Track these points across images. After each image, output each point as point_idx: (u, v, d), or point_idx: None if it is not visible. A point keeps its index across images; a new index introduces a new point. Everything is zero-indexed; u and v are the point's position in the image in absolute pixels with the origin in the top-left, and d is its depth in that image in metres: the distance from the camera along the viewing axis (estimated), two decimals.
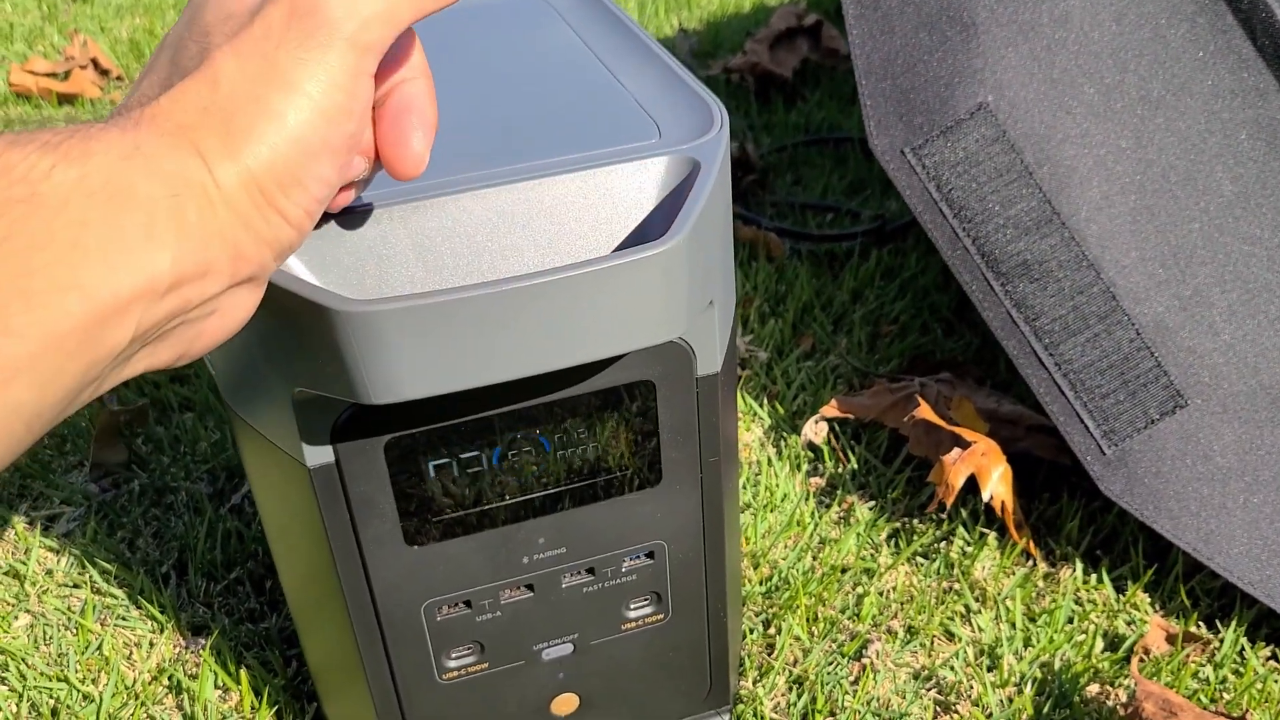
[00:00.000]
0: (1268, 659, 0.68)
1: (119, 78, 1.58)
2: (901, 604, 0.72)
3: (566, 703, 0.57)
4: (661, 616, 0.56)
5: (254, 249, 0.33)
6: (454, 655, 0.53)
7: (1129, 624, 0.70)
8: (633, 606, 0.55)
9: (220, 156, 0.32)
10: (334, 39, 0.33)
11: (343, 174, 0.35)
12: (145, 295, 0.30)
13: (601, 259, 0.39)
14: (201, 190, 0.31)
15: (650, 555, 0.53)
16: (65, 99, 1.51)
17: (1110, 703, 0.65)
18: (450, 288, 0.38)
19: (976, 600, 0.72)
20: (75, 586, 0.74)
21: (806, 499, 0.80)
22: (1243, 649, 0.68)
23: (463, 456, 0.47)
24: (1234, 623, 0.69)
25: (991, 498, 0.73)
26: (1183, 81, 0.70)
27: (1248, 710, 0.63)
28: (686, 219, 0.41)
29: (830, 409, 0.84)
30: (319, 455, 0.45)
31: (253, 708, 0.65)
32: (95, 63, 1.58)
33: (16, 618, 0.72)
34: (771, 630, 0.70)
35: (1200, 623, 0.70)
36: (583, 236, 0.44)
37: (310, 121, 0.33)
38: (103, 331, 0.29)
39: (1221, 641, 0.68)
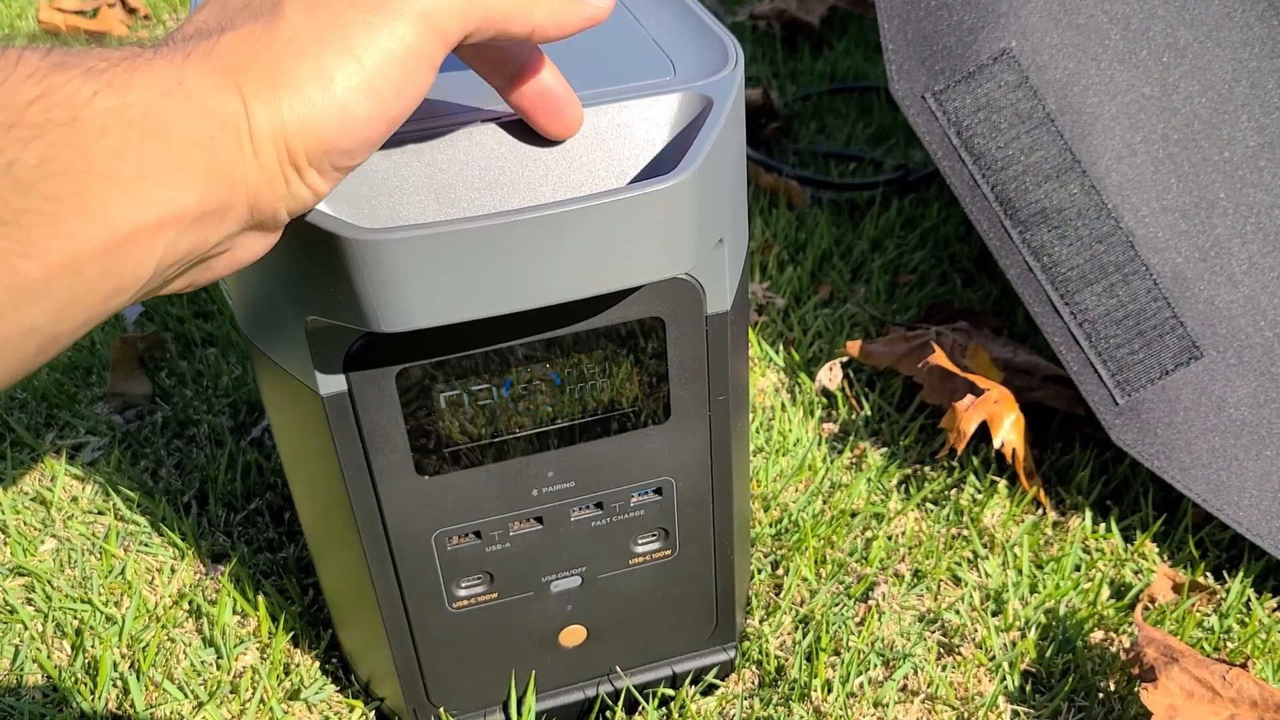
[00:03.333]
0: (1274, 610, 0.68)
1: (146, 16, 1.58)
2: (909, 548, 0.72)
3: (574, 634, 0.58)
4: (669, 552, 0.56)
5: (270, 202, 0.33)
6: (464, 585, 0.54)
7: (1136, 573, 0.71)
8: (640, 542, 0.56)
9: (261, 100, 0.32)
10: (405, 9, 0.33)
11: (371, 153, 0.35)
12: (168, 229, 0.30)
13: (611, 191, 0.40)
14: (235, 134, 0.31)
15: (658, 491, 0.54)
16: (93, 36, 1.52)
17: (1113, 649, 0.65)
18: (461, 218, 0.39)
19: (984, 546, 0.73)
20: (99, 513, 0.76)
21: (819, 444, 0.80)
22: (1249, 600, 0.68)
23: (473, 388, 0.47)
24: (1241, 574, 0.69)
25: (1003, 445, 0.73)
26: (1210, 29, 0.69)
27: (1249, 657, 0.63)
28: (697, 154, 0.41)
29: (852, 346, 0.84)
30: (332, 384, 0.46)
31: (269, 633, 0.66)
32: (123, 1, 1.58)
33: (43, 542, 0.73)
34: (780, 571, 0.71)
35: (1207, 573, 0.71)
36: (595, 171, 0.44)
37: (356, 91, 0.33)
38: (124, 263, 0.30)
39: (1228, 592, 0.69)
